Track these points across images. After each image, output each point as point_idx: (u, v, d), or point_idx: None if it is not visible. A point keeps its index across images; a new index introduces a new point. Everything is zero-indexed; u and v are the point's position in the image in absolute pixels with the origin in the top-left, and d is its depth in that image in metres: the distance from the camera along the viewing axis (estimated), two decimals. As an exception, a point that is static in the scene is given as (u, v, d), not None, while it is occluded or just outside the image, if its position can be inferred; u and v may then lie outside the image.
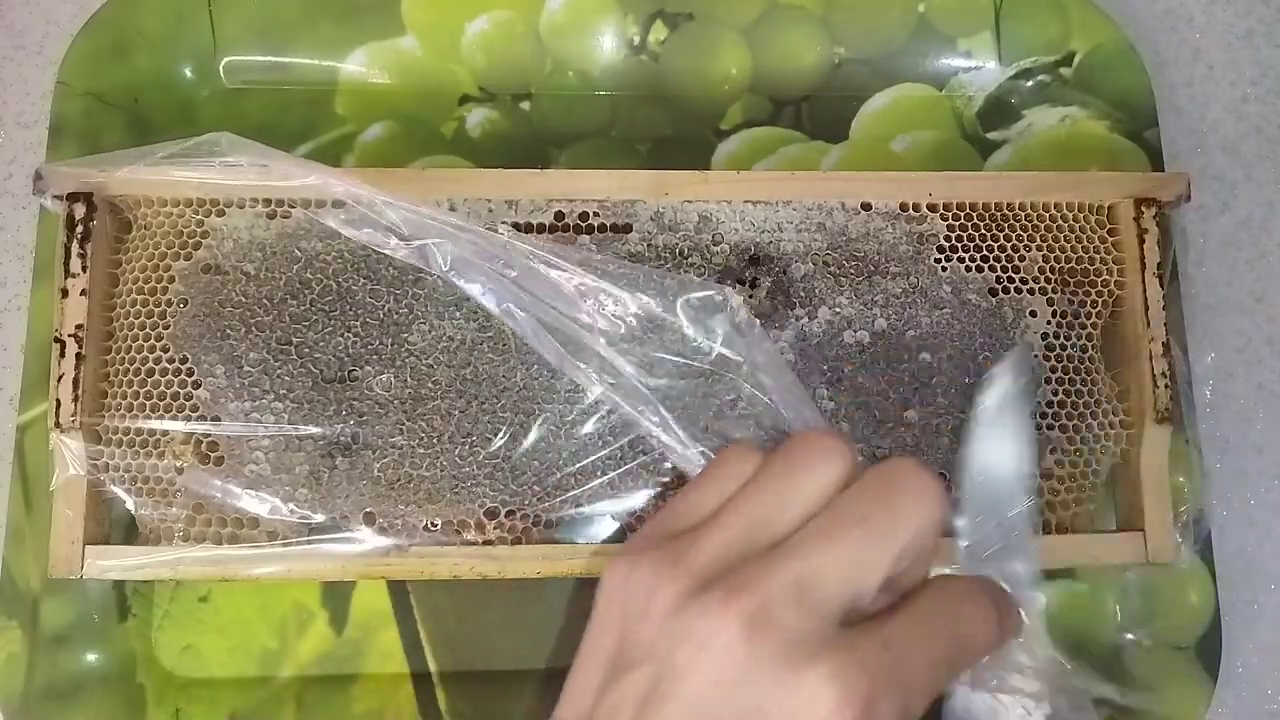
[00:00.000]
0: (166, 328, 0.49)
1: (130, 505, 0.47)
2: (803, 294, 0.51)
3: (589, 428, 0.49)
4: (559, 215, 0.51)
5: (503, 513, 0.48)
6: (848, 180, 0.53)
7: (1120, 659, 0.54)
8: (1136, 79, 0.59)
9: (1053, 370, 0.52)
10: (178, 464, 0.47)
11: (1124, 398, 0.51)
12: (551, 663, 0.53)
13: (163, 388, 0.48)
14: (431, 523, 0.48)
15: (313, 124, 0.58)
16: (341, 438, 0.48)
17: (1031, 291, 0.52)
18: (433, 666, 0.53)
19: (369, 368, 0.49)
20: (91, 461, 0.47)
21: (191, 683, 0.52)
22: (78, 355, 0.47)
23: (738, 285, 0.51)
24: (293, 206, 0.50)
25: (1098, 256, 0.52)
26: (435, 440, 0.49)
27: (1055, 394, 0.51)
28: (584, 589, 0.53)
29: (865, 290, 0.51)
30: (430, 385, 0.49)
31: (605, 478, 0.49)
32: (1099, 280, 0.52)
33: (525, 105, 0.59)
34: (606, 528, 0.50)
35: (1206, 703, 0.53)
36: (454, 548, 0.48)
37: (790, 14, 0.59)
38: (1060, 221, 0.53)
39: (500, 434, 0.49)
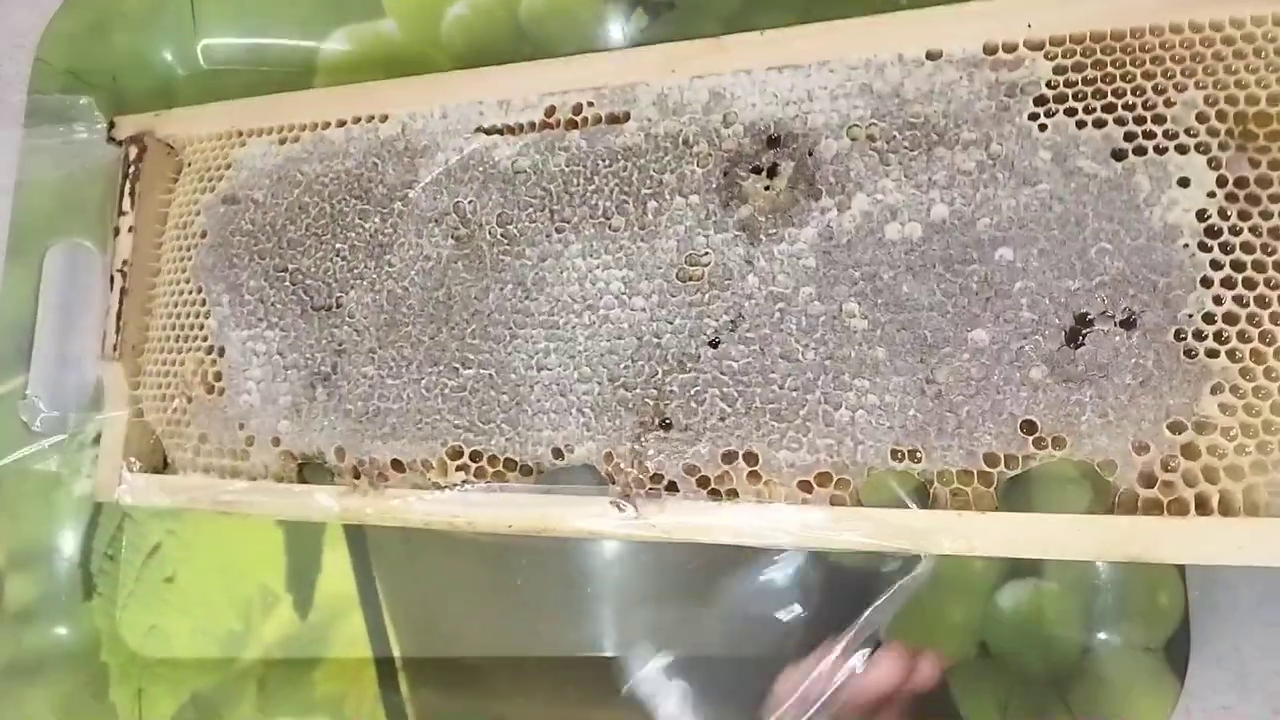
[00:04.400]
0: (192, 260, 0.49)
1: (159, 434, 0.48)
2: (832, 179, 0.38)
3: (563, 359, 0.41)
4: (550, 110, 0.43)
5: (467, 453, 0.42)
6: (909, 22, 0.39)
7: (1089, 659, 0.43)
8: None
9: (1216, 267, 0.34)
10: (188, 394, 0.47)
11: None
12: (516, 650, 0.48)
13: (185, 319, 0.48)
14: (396, 460, 0.43)
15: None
16: (322, 368, 0.45)
17: (1183, 149, 0.35)
18: (396, 651, 0.49)
19: (353, 293, 0.45)
20: (131, 393, 0.49)
21: (155, 663, 0.51)
22: (122, 290, 0.49)
23: (753, 175, 0.40)
24: (303, 130, 0.48)
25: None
26: (404, 370, 0.43)
27: (1220, 303, 0.34)
28: (551, 576, 0.48)
29: (921, 168, 0.37)
30: (405, 310, 0.44)
31: (582, 417, 0.41)
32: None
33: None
34: (584, 473, 0.41)
35: (1172, 706, 0.43)
36: (422, 491, 0.42)
37: (771, 3, 0.48)
38: (1232, 45, 0.35)
39: (469, 365, 0.42)
